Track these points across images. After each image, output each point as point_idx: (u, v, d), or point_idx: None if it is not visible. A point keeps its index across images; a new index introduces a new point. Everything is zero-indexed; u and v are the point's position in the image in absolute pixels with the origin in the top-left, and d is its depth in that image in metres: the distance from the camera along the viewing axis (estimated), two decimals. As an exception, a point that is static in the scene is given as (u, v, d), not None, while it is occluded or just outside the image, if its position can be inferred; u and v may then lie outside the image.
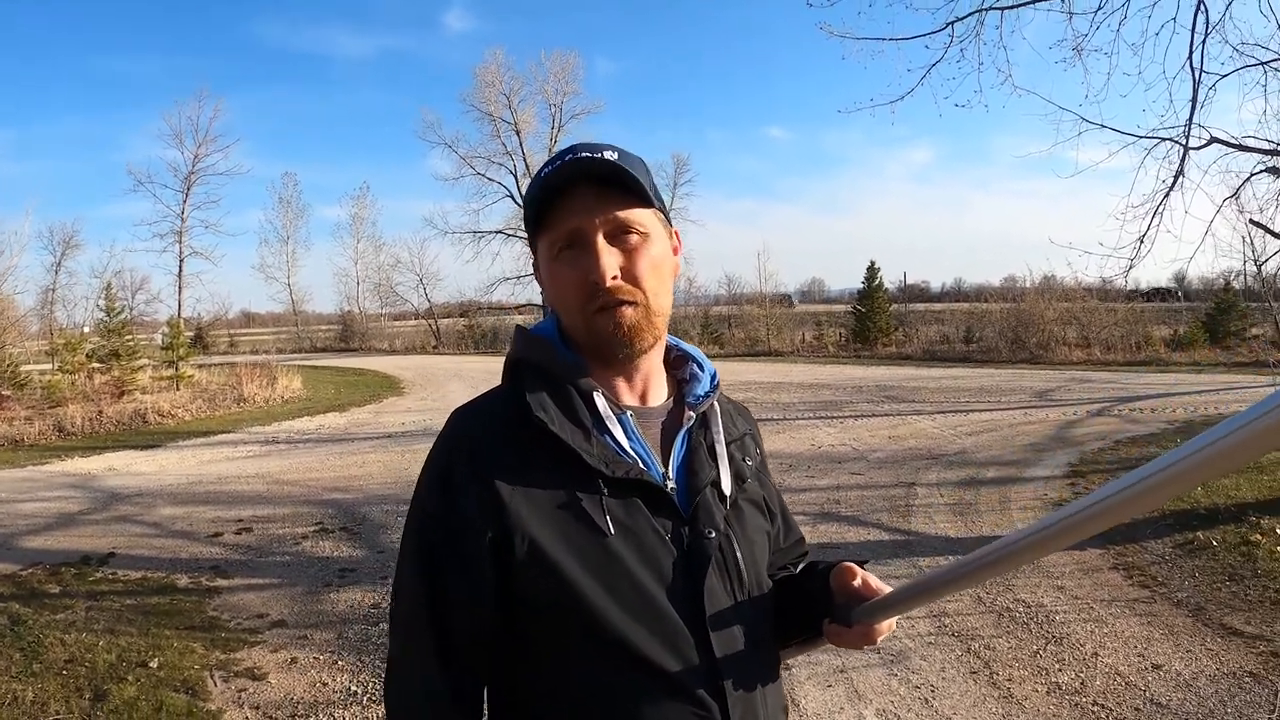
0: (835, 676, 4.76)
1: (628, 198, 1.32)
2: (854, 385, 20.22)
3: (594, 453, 1.26)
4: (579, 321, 1.33)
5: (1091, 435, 12.04)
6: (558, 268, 1.33)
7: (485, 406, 1.36)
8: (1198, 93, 8.48)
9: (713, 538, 1.30)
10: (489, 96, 46.11)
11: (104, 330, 23.51)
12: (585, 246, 1.30)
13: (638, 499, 1.28)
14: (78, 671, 5.12)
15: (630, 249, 1.32)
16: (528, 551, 1.22)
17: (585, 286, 1.29)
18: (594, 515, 1.24)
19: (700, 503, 1.32)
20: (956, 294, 64.56)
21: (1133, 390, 17.33)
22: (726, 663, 1.26)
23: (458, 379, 26.48)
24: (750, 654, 1.31)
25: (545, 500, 1.24)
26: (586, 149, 1.32)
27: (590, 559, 1.22)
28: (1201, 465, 0.81)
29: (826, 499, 8.81)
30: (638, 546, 1.25)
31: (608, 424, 1.31)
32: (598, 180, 1.30)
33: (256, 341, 58.55)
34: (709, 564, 1.29)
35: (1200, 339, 27.60)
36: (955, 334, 33.50)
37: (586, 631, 1.22)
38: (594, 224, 1.30)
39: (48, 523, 9.12)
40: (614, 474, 1.26)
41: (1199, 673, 4.68)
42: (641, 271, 1.32)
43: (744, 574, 1.34)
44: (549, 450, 1.26)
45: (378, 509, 9.14)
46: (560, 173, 1.29)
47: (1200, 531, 6.96)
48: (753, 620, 1.34)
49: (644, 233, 1.33)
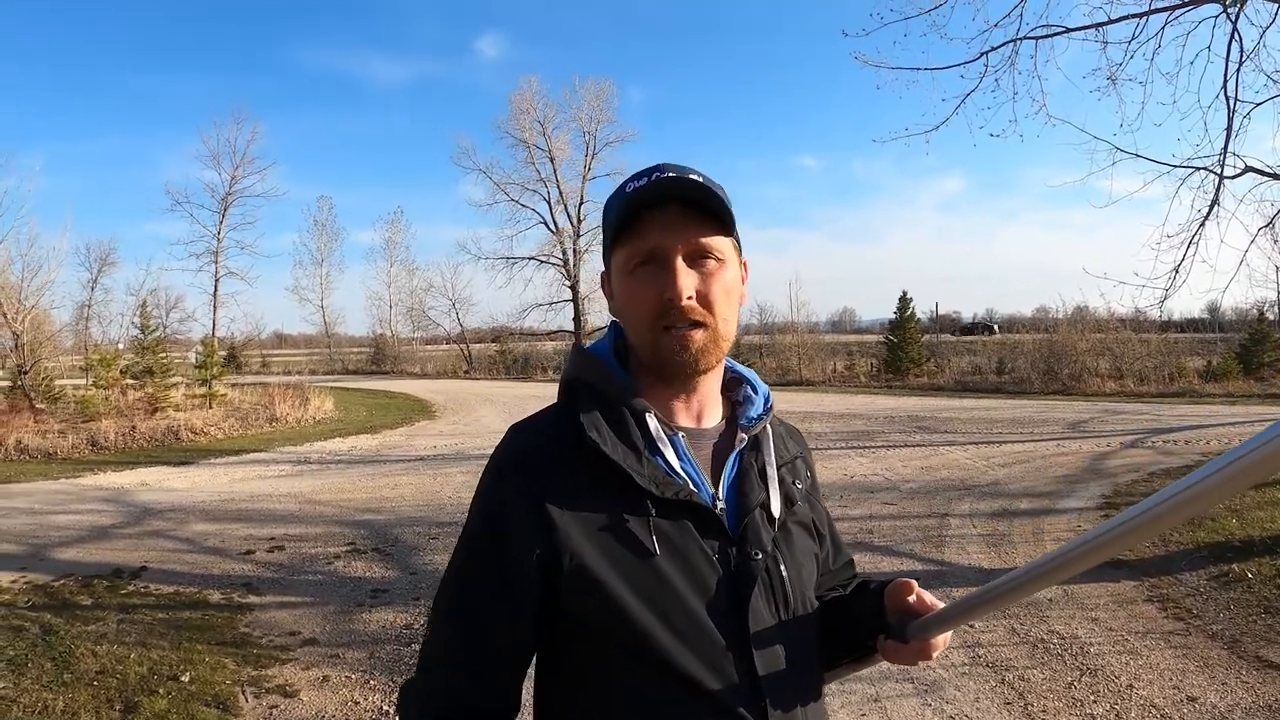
0: (869, 706, 4.72)
1: (710, 222, 1.33)
2: (886, 415, 20.12)
3: (644, 473, 1.27)
4: (647, 338, 1.34)
5: (1125, 467, 11.91)
6: (632, 282, 1.33)
7: (540, 424, 1.37)
8: (1232, 121, 8.45)
9: (759, 559, 1.31)
10: (523, 124, 46.46)
11: (138, 347, 23.76)
12: (664, 264, 1.31)
13: (687, 520, 1.28)
14: (109, 683, 5.16)
15: (707, 273, 1.33)
16: (574, 569, 1.23)
17: (659, 303, 1.30)
18: (640, 535, 1.25)
19: (749, 524, 1.33)
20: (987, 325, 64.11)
21: (1166, 422, 17.14)
22: (769, 683, 1.26)
23: (489, 404, 26.56)
24: (793, 675, 1.31)
25: (593, 520, 1.25)
26: (674, 169, 1.33)
27: (636, 578, 1.23)
28: (1231, 479, 0.90)
29: (860, 529, 8.75)
30: (684, 566, 1.26)
31: (659, 445, 1.31)
32: (685, 201, 1.31)
33: (289, 362, 58.95)
34: (755, 584, 1.29)
35: (1234, 370, 27.25)
36: (987, 365, 33.24)
37: (630, 649, 1.22)
38: (676, 244, 1.31)
39: (80, 535, 9.21)
40: (663, 494, 1.26)
41: (1234, 705, 4.61)
42: (715, 296, 1.33)
43: (790, 595, 1.34)
44: (600, 470, 1.27)
45: (410, 530, 9.17)
46: (649, 190, 1.30)
47: (1235, 564, 6.86)
48: (798, 641, 1.34)
49: (721, 259, 1.34)
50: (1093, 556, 1.07)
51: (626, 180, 1.36)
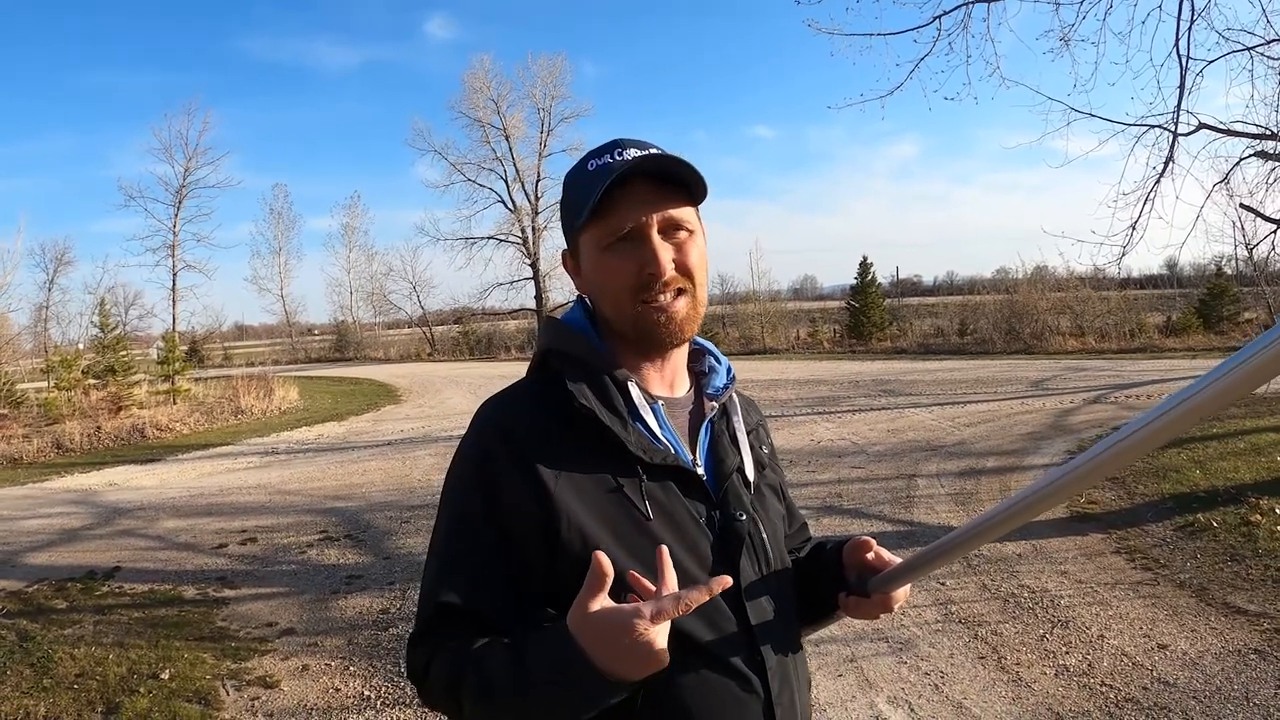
0: (845, 666, 4.80)
1: (679, 194, 1.36)
2: (850, 380, 20.23)
3: (632, 440, 1.30)
4: (627, 311, 1.35)
5: (1089, 422, 12.08)
6: (609, 258, 1.35)
7: (516, 396, 1.39)
8: (1185, 79, 8.55)
9: (743, 520, 1.36)
10: (477, 102, 45.99)
11: (99, 346, 23.49)
12: (641, 240, 1.33)
13: (673, 484, 1.32)
14: (89, 685, 5.13)
15: (680, 243, 1.36)
16: (574, 535, 1.24)
17: (639, 278, 1.32)
18: (634, 500, 1.28)
19: (729, 488, 1.38)
20: (949, 288, 64.54)
21: (1128, 377, 17.38)
22: (763, 641, 1.32)
23: (454, 385, 26.46)
24: (782, 631, 1.37)
25: (588, 485, 1.28)
26: (633, 144, 1.36)
27: (634, 543, 1.26)
28: (1196, 407, 0.92)
29: (828, 493, 8.84)
30: (676, 530, 1.29)
31: (641, 413, 1.34)
32: (652, 175, 1.34)
33: (251, 354, 58.41)
34: (742, 545, 1.34)
35: (1194, 325, 27.59)
36: (950, 327, 33.48)
37: None
38: (650, 219, 1.33)
39: (51, 539, 9.12)
40: (651, 460, 1.30)
41: (1204, 651, 4.72)
42: (693, 264, 1.36)
43: (770, 554, 1.40)
44: (587, 437, 1.29)
45: (381, 515, 9.15)
46: (617, 167, 1.31)
47: (1200, 514, 7.01)
48: (781, 598, 1.40)
49: (691, 229, 1.38)
50: (1043, 504, 1.11)
51: (586, 157, 1.38)
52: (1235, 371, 0.86)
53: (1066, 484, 1.07)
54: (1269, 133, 8.82)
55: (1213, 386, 0.87)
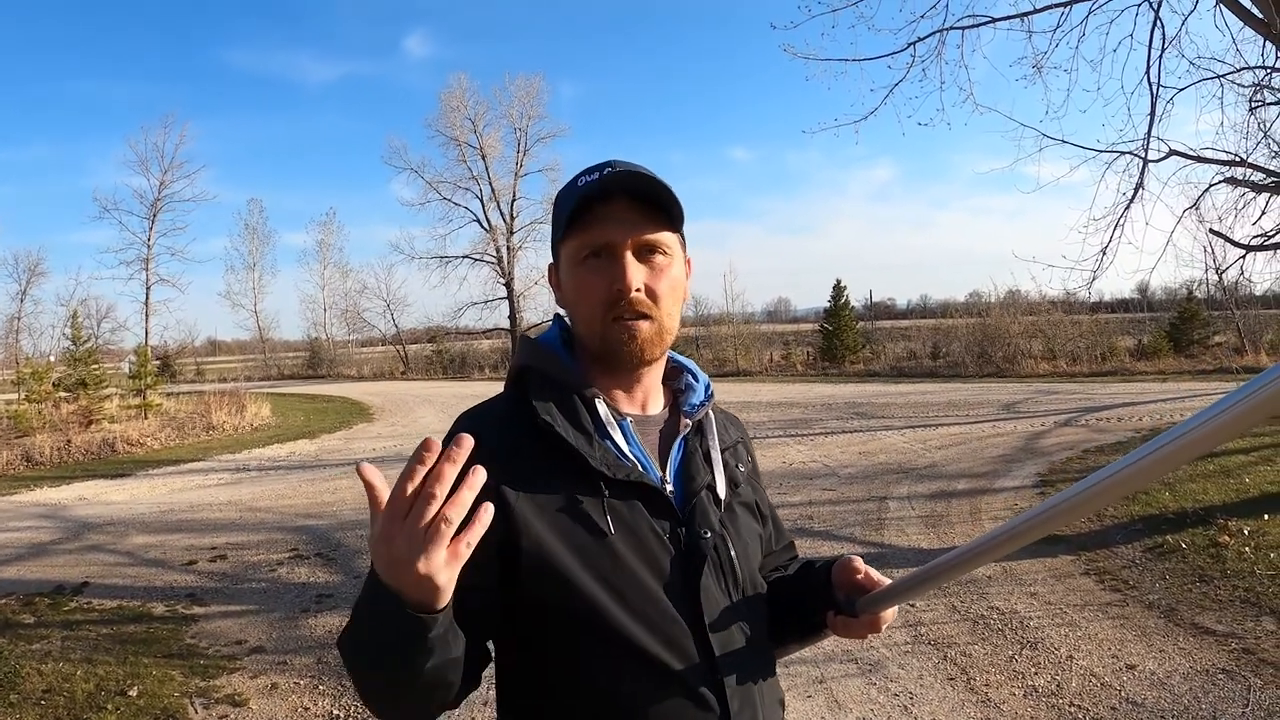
0: (814, 687, 4.81)
1: (659, 217, 1.38)
2: (823, 403, 20.31)
3: (596, 456, 1.31)
4: (596, 328, 1.38)
5: (1060, 445, 12.19)
6: (583, 272, 1.38)
7: (490, 411, 1.41)
8: (1156, 106, 8.70)
9: (708, 538, 1.36)
10: (454, 121, 46.13)
11: (70, 359, 23.26)
12: (614, 257, 1.35)
13: (637, 500, 1.33)
14: (56, 701, 5.07)
15: (655, 267, 1.38)
16: (532, 551, 1.26)
17: (609, 294, 1.35)
18: (595, 516, 1.29)
19: (696, 505, 1.38)
20: (923, 311, 64.92)
21: (1099, 400, 17.56)
22: (724, 659, 1.32)
23: (427, 404, 26.39)
24: (746, 650, 1.37)
25: (549, 502, 1.29)
26: (623, 165, 1.38)
27: (593, 558, 1.27)
28: (1180, 450, 0.89)
29: (800, 515, 8.86)
30: (638, 546, 1.30)
31: (609, 429, 1.36)
32: (634, 196, 1.36)
33: (224, 369, 57.80)
34: (705, 563, 1.34)
35: (1164, 348, 27.87)
36: (922, 350, 33.64)
37: (589, 629, 1.26)
38: (626, 238, 1.35)
39: (19, 553, 9.02)
40: (615, 476, 1.31)
41: (1173, 671, 4.77)
42: (662, 291, 1.38)
43: (739, 573, 1.40)
44: (553, 453, 1.31)
45: (351, 534, 9.10)
46: (601, 183, 1.34)
47: (1169, 535, 7.09)
48: (748, 617, 1.40)
49: (668, 254, 1.40)
50: (1033, 532, 1.12)
51: (578, 174, 1.41)
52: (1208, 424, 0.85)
53: (1068, 509, 1.07)
54: (1238, 159, 8.98)
55: (1198, 430, 0.87)
